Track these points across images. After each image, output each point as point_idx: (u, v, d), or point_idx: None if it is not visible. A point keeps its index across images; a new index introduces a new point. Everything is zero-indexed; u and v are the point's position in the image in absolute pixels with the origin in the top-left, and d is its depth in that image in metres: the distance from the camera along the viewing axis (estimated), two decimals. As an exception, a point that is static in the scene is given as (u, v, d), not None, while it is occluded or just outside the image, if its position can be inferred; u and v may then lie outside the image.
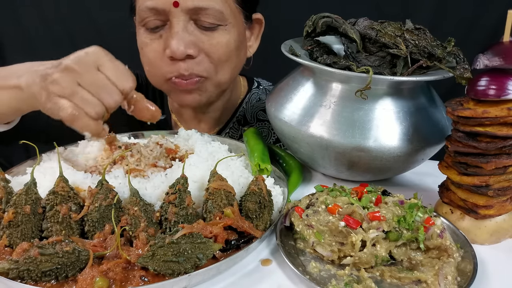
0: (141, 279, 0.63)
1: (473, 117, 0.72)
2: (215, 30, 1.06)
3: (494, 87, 0.70)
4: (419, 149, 0.86)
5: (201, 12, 1.02)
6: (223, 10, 1.04)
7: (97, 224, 0.71)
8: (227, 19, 1.06)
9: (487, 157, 0.73)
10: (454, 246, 0.72)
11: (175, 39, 1.02)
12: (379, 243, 0.70)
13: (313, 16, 0.98)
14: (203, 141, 1.01)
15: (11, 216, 0.69)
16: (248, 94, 1.40)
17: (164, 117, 1.38)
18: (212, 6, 1.02)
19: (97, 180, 0.77)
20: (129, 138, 1.09)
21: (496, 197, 0.75)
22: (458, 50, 0.87)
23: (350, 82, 0.86)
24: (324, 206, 0.75)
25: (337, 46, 1.04)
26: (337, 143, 0.85)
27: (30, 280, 0.61)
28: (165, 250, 0.63)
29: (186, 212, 0.73)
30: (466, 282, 0.66)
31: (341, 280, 0.67)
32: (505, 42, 0.70)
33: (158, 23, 1.05)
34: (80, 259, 0.63)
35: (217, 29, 1.06)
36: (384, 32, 0.88)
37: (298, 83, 0.95)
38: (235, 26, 1.09)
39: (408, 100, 0.87)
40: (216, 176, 0.80)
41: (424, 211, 0.74)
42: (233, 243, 0.71)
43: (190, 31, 1.04)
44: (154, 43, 1.08)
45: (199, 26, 1.05)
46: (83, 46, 0.82)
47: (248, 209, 0.76)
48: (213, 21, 1.04)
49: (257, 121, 1.37)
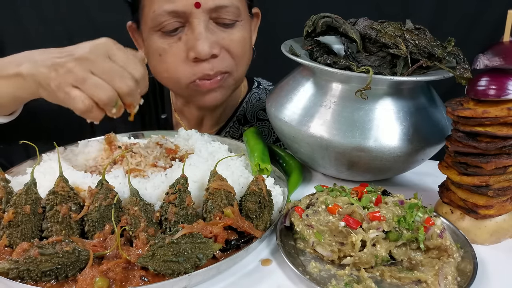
0: (141, 279, 0.63)
1: (473, 117, 0.72)
2: (233, 27, 1.08)
3: (494, 87, 0.70)
4: (419, 149, 0.86)
5: (221, 10, 1.03)
6: (239, 5, 1.06)
7: (97, 224, 0.71)
8: (242, 15, 1.08)
9: (487, 157, 0.73)
10: (454, 246, 0.72)
11: (199, 40, 1.02)
12: (379, 243, 0.70)
13: (313, 16, 0.98)
14: (203, 141, 1.01)
15: (11, 216, 0.69)
16: (248, 93, 1.40)
17: (165, 116, 1.38)
18: (232, 3, 1.04)
19: (97, 180, 0.77)
20: (129, 138, 1.09)
21: (496, 197, 0.75)
22: (458, 50, 0.87)
23: (350, 82, 0.86)
24: (324, 206, 0.75)
25: (337, 46, 1.04)
26: (337, 143, 0.85)
27: (30, 280, 0.61)
28: (165, 250, 0.63)
29: (186, 212, 0.73)
30: (466, 282, 0.66)
31: (341, 280, 0.67)
32: (505, 42, 0.70)
33: (177, 25, 1.04)
34: (80, 259, 0.63)
35: (235, 25, 1.08)
36: (384, 32, 0.88)
37: (298, 83, 0.95)
38: (247, 22, 1.12)
39: (408, 100, 0.87)
40: (216, 176, 0.80)
41: (424, 211, 0.74)
42: (233, 243, 0.71)
43: (212, 31, 1.05)
44: (173, 47, 1.07)
45: (218, 24, 1.06)
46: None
47: (248, 209, 0.76)
48: (232, 18, 1.06)
49: (257, 120, 1.37)
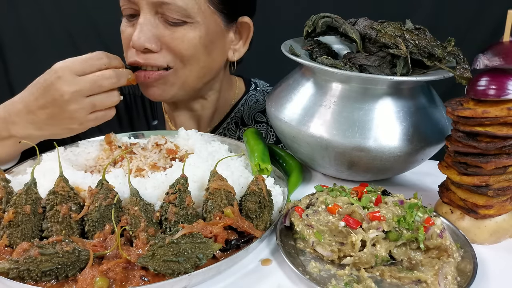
0: (141, 279, 0.63)
1: (473, 117, 0.72)
2: (180, 26, 1.06)
3: (494, 87, 0.70)
4: (419, 149, 0.86)
5: (164, 7, 1.03)
6: (187, 7, 1.04)
7: (97, 224, 0.71)
8: (193, 17, 1.06)
9: (487, 157, 0.73)
10: (454, 246, 0.72)
11: (136, 30, 1.04)
12: (379, 243, 0.70)
13: (313, 16, 0.98)
14: (203, 141, 1.01)
15: (11, 216, 0.69)
16: (245, 95, 1.39)
17: (156, 123, 1.39)
18: (174, 2, 1.02)
19: (97, 180, 0.77)
20: (129, 138, 1.09)
21: (496, 197, 0.75)
22: (458, 50, 0.87)
23: (350, 82, 0.86)
24: (324, 206, 0.75)
25: (337, 46, 1.04)
26: (337, 143, 0.85)
27: (30, 280, 0.61)
28: (165, 250, 0.63)
29: (186, 212, 0.73)
30: (466, 282, 0.66)
31: (341, 280, 0.67)
32: (505, 42, 0.70)
33: (131, 12, 1.07)
34: (80, 259, 0.63)
35: (182, 25, 1.06)
36: (384, 32, 0.88)
37: (298, 83, 0.95)
38: (203, 25, 1.08)
39: (408, 100, 0.87)
40: (216, 176, 0.80)
41: (424, 211, 0.74)
42: (233, 243, 0.71)
43: (155, 25, 1.05)
44: (126, 31, 1.10)
45: (165, 20, 1.05)
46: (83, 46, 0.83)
47: (248, 209, 0.76)
48: (178, 17, 1.04)
49: (255, 123, 1.36)
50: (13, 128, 0.96)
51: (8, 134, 0.97)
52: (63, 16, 2.30)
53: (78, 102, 0.91)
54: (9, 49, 2.42)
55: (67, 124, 0.95)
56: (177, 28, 1.06)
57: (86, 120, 0.95)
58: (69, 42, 2.32)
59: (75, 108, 0.91)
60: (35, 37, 2.35)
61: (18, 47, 2.40)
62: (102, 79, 0.93)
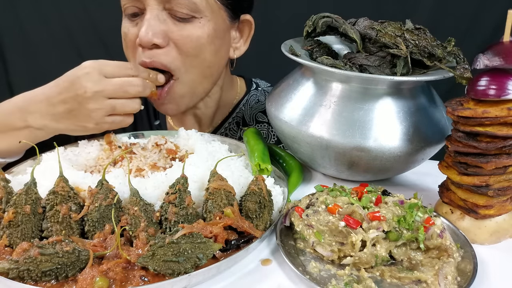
0: (141, 279, 0.63)
1: (473, 117, 0.72)
2: (189, 22, 1.05)
3: (494, 87, 0.70)
4: (419, 149, 0.86)
5: (173, 2, 1.02)
6: (196, 0, 1.03)
7: (97, 224, 0.71)
8: (202, 12, 1.05)
9: (487, 157, 0.73)
10: (454, 246, 0.72)
11: (144, 26, 1.03)
12: (379, 243, 0.70)
13: (313, 16, 0.98)
14: (203, 141, 1.01)
15: (11, 216, 0.69)
16: (246, 95, 1.39)
17: (158, 122, 1.39)
18: None
19: (97, 180, 0.77)
20: (129, 138, 1.09)
21: (496, 197, 0.75)
22: (458, 50, 0.88)
23: (350, 82, 0.86)
24: (324, 206, 0.75)
25: (337, 46, 1.04)
26: (337, 143, 0.85)
27: (30, 280, 0.61)
28: (165, 250, 0.63)
29: (186, 212, 0.73)
30: (466, 282, 0.66)
31: (341, 280, 0.67)
32: (505, 42, 0.70)
33: (135, 10, 1.06)
34: (80, 259, 0.63)
35: (191, 21, 1.05)
36: (384, 32, 0.88)
37: (298, 83, 0.95)
38: (211, 21, 1.07)
39: (408, 100, 0.87)
40: (216, 176, 0.80)
41: (424, 211, 0.74)
42: (233, 243, 0.71)
43: (162, 20, 1.04)
44: (130, 31, 1.09)
45: (172, 16, 1.05)
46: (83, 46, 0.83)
47: (248, 209, 0.76)
48: (186, 12, 1.03)
49: (256, 123, 1.36)
50: (30, 117, 0.96)
51: (24, 124, 0.97)
52: (63, 16, 2.30)
53: (98, 102, 0.92)
54: (9, 49, 2.43)
55: (83, 121, 0.95)
56: (186, 25, 1.05)
57: (102, 121, 0.95)
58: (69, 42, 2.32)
59: (94, 107, 0.92)
60: (35, 37, 2.35)
61: (18, 47, 2.40)
62: (129, 85, 0.95)
